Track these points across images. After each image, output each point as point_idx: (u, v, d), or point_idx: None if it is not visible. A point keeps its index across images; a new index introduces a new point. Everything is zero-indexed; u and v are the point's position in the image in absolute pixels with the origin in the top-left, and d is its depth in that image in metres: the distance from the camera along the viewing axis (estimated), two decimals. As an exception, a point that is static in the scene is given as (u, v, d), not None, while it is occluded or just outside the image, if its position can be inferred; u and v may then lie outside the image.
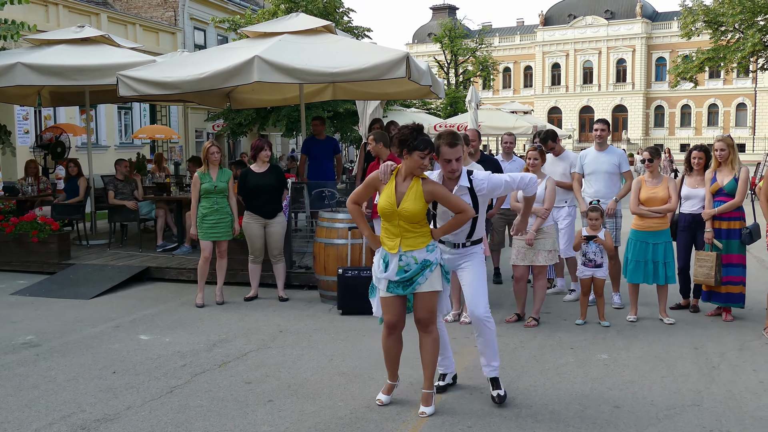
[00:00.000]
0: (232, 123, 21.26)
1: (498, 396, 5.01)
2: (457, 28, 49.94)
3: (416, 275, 4.71)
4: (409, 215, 4.66)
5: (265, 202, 8.26)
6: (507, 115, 24.53)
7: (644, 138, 66.90)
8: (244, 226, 8.33)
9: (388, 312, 4.89)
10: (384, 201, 4.74)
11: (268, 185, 8.24)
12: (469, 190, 4.94)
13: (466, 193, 4.93)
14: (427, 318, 4.82)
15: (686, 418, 4.79)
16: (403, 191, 4.71)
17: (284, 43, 9.14)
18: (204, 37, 31.36)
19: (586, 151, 8.45)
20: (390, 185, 4.76)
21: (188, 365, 5.96)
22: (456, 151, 4.80)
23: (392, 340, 4.99)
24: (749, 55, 22.27)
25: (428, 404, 4.84)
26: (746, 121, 65.69)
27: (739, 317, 7.45)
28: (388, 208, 4.71)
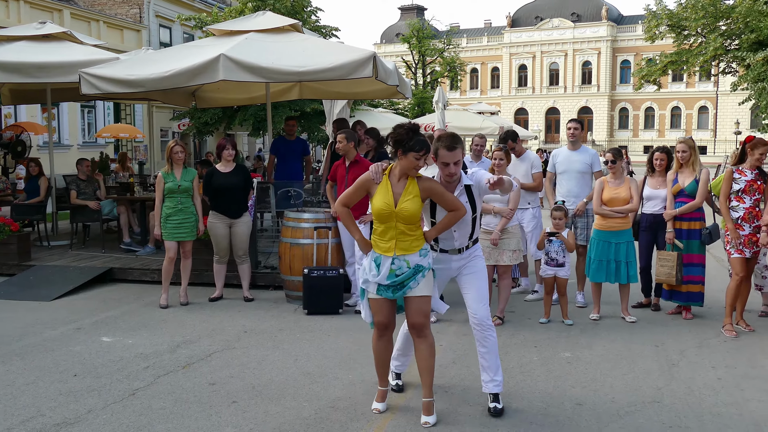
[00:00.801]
0: (197, 122, 21.09)
1: (495, 408, 4.83)
2: (425, 29, 50.15)
3: (408, 279, 4.59)
4: (408, 215, 4.53)
5: (231, 201, 8.21)
6: (474, 115, 24.68)
7: (609, 140, 67.75)
8: (209, 226, 8.27)
9: (378, 313, 4.74)
10: (380, 202, 4.59)
11: (234, 185, 8.19)
12: (467, 189, 4.81)
13: (464, 194, 4.80)
14: (421, 322, 4.65)
15: (646, 414, 4.87)
16: (399, 191, 4.59)
17: (250, 42, 9.09)
18: (169, 35, 31.06)
19: (558, 150, 8.55)
20: (385, 186, 4.63)
21: (151, 367, 5.90)
22: (455, 154, 4.62)
23: (383, 343, 4.86)
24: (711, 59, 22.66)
25: (430, 413, 4.66)
26: (708, 123, 66.93)
27: (699, 315, 7.58)
28: (386, 209, 4.56)
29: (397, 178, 4.64)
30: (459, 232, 4.87)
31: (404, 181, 4.62)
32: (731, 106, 59.04)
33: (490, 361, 4.90)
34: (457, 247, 4.91)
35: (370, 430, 4.60)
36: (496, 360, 4.92)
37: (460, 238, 4.90)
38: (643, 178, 7.83)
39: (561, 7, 72.65)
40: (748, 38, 18.95)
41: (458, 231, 4.86)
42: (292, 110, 19.17)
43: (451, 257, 4.93)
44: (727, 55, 21.46)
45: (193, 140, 29.56)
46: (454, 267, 4.96)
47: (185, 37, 30.63)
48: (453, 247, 4.91)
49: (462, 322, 7.32)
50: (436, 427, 4.62)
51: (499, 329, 7.05)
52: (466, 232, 4.89)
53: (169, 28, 31.05)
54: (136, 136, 24.28)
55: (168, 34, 31.13)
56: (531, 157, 8.60)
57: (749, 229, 6.94)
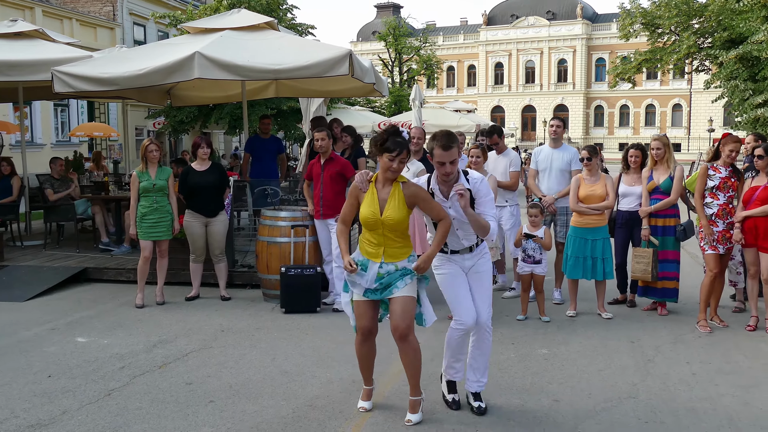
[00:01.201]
0: (173, 120, 20.90)
1: (479, 407, 4.82)
2: (402, 27, 50.12)
3: (395, 280, 4.50)
4: (393, 223, 4.46)
5: (207, 200, 8.16)
6: (451, 113, 24.76)
7: (584, 137, 68.23)
8: (185, 225, 8.21)
9: (362, 318, 4.66)
10: (367, 210, 4.52)
11: (210, 183, 8.14)
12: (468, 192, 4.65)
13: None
14: (404, 326, 4.52)
15: (622, 410, 4.91)
16: (384, 198, 4.50)
17: (226, 40, 9.03)
18: (144, 33, 30.79)
19: (540, 147, 8.63)
20: (371, 193, 4.55)
21: (127, 367, 5.85)
22: (450, 154, 4.52)
23: (367, 347, 4.79)
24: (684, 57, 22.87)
25: (415, 411, 4.66)
26: (682, 121, 67.64)
27: (674, 311, 7.66)
28: (371, 217, 4.48)
29: (382, 184, 4.56)
30: (462, 231, 4.74)
31: (389, 187, 4.53)
32: (704, 103, 59.75)
33: (480, 362, 4.89)
34: (466, 246, 4.80)
35: (348, 427, 4.60)
36: (485, 362, 4.91)
37: (466, 237, 4.77)
38: (618, 175, 7.89)
39: (536, 5, 73.03)
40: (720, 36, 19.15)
41: (461, 230, 4.73)
42: (268, 108, 19.07)
43: (463, 256, 4.81)
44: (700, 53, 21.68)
45: (168, 139, 29.34)
46: (467, 265, 4.83)
47: (160, 35, 30.37)
48: (463, 246, 4.80)
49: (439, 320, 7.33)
50: (415, 425, 4.62)
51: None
52: (470, 230, 4.74)
53: (143, 26, 30.76)
54: (110, 135, 24.03)
55: (142, 32, 30.85)
56: (511, 155, 8.64)
57: (723, 225, 7.03)
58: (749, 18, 17.62)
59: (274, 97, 14.17)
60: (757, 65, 17.24)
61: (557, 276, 8.28)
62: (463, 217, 4.63)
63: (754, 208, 6.84)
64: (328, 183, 7.76)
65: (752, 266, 7.00)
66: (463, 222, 4.68)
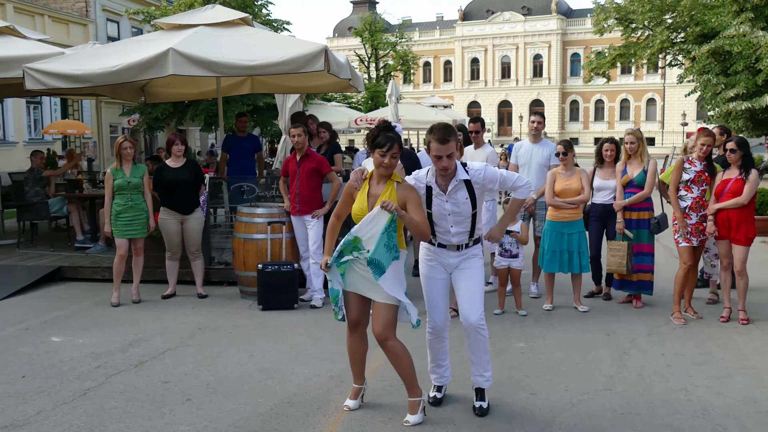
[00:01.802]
0: (148, 117, 20.69)
1: (480, 408, 4.75)
2: (377, 23, 50.06)
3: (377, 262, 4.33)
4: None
5: (182, 197, 8.11)
6: (427, 109, 24.74)
7: (560, 132, 68.64)
8: (160, 222, 8.15)
9: (350, 310, 4.61)
10: (356, 206, 4.50)
11: (185, 180, 8.09)
12: (467, 184, 4.57)
13: (463, 188, 4.56)
14: (381, 332, 4.46)
15: (599, 402, 4.95)
16: (376, 195, 4.45)
17: (200, 36, 8.96)
18: (117, 29, 30.49)
19: (520, 142, 8.66)
20: (363, 191, 4.51)
21: (103, 366, 5.80)
22: (448, 147, 4.40)
23: (356, 339, 4.72)
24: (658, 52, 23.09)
25: (414, 412, 4.57)
26: (656, 115, 68.28)
27: (649, 304, 7.74)
28: (360, 214, 4.44)
29: (376, 181, 4.51)
30: (456, 228, 4.64)
31: (383, 185, 4.47)
32: (678, 98, 60.38)
33: (480, 358, 4.80)
34: (454, 243, 4.69)
35: (326, 424, 4.59)
36: (486, 356, 4.81)
37: (458, 235, 4.67)
38: (592, 169, 7.95)
39: (512, 0, 73.29)
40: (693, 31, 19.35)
41: (456, 226, 4.63)
42: (244, 105, 18.95)
43: (449, 253, 4.72)
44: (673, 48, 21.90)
45: (143, 136, 29.06)
46: (451, 263, 4.75)
47: (134, 32, 30.11)
48: (450, 242, 4.69)
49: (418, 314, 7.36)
50: (393, 421, 4.62)
51: (455, 321, 7.08)
52: (465, 229, 4.66)
53: (116, 23, 30.45)
54: (84, 133, 23.77)
55: (116, 28, 30.54)
56: (488, 149, 8.66)
57: (696, 218, 7.11)
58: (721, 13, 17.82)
59: (250, 94, 14.08)
60: (728, 59, 17.44)
61: (534, 270, 8.33)
62: (461, 212, 4.58)
63: (726, 200, 6.93)
64: (305, 179, 7.74)
65: (725, 258, 7.09)
66: (459, 217, 4.61)
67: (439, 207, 4.61)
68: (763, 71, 15.73)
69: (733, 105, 17.01)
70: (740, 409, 4.81)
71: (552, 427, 4.54)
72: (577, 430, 4.50)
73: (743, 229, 6.91)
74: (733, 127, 18.98)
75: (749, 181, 6.88)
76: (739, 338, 6.48)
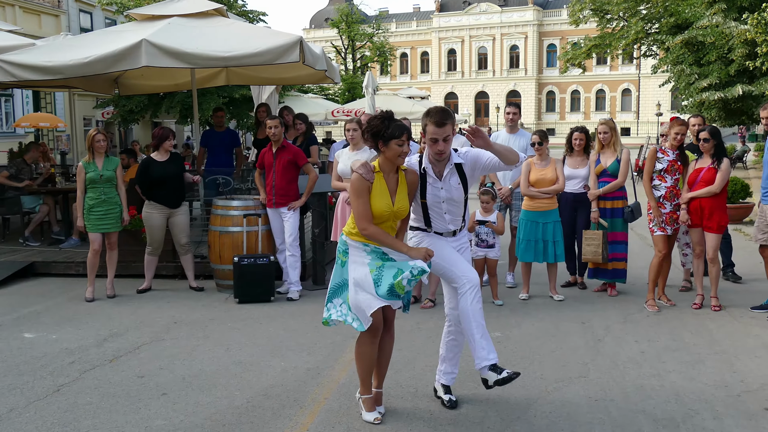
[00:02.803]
0: (122, 110, 20.48)
1: (451, 401, 4.73)
2: (354, 14, 49.89)
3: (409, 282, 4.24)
4: (403, 213, 4.38)
5: (171, 191, 8.04)
6: (404, 100, 24.77)
7: (537, 122, 68.95)
8: (145, 216, 8.06)
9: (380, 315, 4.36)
10: (381, 202, 4.28)
11: (173, 174, 8.03)
12: (458, 168, 4.52)
13: (455, 173, 4.51)
14: (392, 317, 4.50)
15: (574, 389, 4.99)
16: (393, 188, 4.34)
17: (173, 27, 8.88)
18: (90, 20, 30.11)
19: (497, 133, 8.68)
20: (380, 184, 4.30)
21: (77, 362, 5.74)
22: (444, 130, 4.33)
23: (376, 346, 4.48)
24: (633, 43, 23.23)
25: (380, 403, 4.59)
26: (631, 105, 68.81)
27: (623, 292, 7.81)
28: (387, 210, 4.28)
29: (387, 174, 4.36)
30: (450, 215, 4.57)
31: (395, 176, 4.37)
32: (653, 88, 60.78)
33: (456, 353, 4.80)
34: (451, 230, 4.62)
35: (303, 416, 4.59)
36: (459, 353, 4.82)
37: (453, 221, 4.61)
38: (562, 158, 7.99)
39: (488, -9, 73.45)
40: (667, 22, 19.50)
41: (449, 214, 4.56)
42: (220, 97, 18.85)
43: (447, 239, 4.61)
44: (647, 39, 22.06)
45: (118, 129, 28.79)
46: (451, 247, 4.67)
47: (107, 23, 29.76)
48: (447, 230, 4.60)
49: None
50: (356, 411, 4.63)
51: (431, 311, 7.13)
52: (459, 213, 4.62)
53: (89, 13, 30.08)
54: (57, 126, 23.44)
55: (89, 19, 30.16)
56: (461, 139, 8.67)
57: (670, 207, 7.18)
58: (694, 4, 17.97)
59: (226, 85, 13.99)
60: (701, 50, 17.61)
61: (510, 260, 8.37)
62: (454, 199, 4.53)
63: (698, 189, 7.01)
64: (281, 171, 7.72)
65: (698, 246, 7.18)
66: (453, 204, 4.56)
67: (434, 195, 4.52)
68: (736, 61, 15.90)
69: (707, 95, 17.19)
70: (711, 393, 4.88)
71: (528, 415, 4.57)
72: (553, 417, 4.54)
73: (716, 217, 6.99)
74: (707, 117, 19.18)
75: (721, 170, 6.96)
76: (711, 324, 6.56)
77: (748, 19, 12.77)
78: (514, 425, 4.41)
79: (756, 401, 4.74)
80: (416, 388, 5.02)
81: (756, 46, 12.92)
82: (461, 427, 4.40)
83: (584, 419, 4.49)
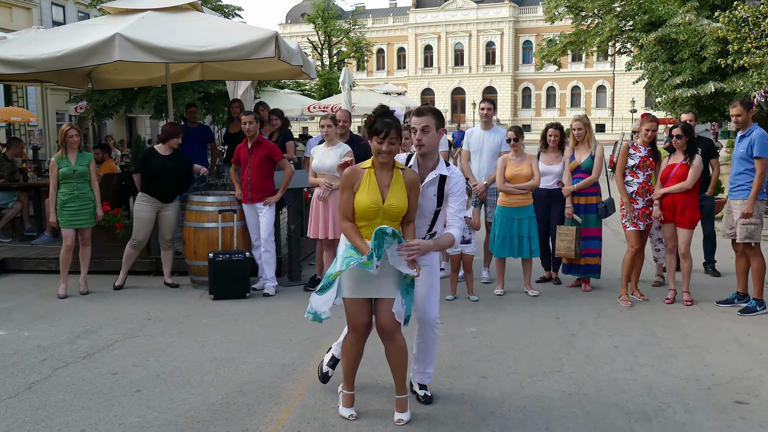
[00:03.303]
0: (96, 105, 20.22)
1: (426, 396, 4.74)
2: (330, 9, 49.79)
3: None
4: (396, 212, 4.20)
5: (168, 186, 8.00)
6: (381, 96, 24.75)
7: (513, 119, 69.26)
8: (136, 208, 8.01)
9: (359, 315, 4.31)
10: (366, 198, 4.18)
11: (175, 169, 8.02)
12: (441, 180, 4.42)
13: (436, 184, 4.42)
14: (390, 325, 4.29)
15: (548, 384, 5.03)
16: (386, 184, 4.22)
17: (147, 21, 8.78)
18: (63, 14, 29.72)
19: (472, 129, 8.72)
20: (369, 180, 4.22)
21: (49, 359, 5.68)
22: (422, 120, 4.34)
23: (361, 347, 4.44)
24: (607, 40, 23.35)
25: (404, 410, 4.44)
26: (606, 102, 69.34)
27: (597, 287, 7.88)
28: (373, 206, 4.17)
29: (380, 170, 4.26)
30: (417, 221, 4.45)
31: (390, 174, 4.26)
32: (627, 85, 61.30)
33: (428, 354, 4.75)
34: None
35: (278, 412, 4.58)
36: (433, 354, 4.77)
37: (417, 229, 4.47)
38: (537, 154, 8.04)
39: (464, -13, 73.60)
40: (641, 19, 19.64)
41: (417, 220, 4.45)
42: (195, 92, 18.67)
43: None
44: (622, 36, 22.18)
45: (92, 124, 28.46)
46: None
47: (80, 16, 29.36)
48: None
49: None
50: (331, 406, 4.63)
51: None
52: (425, 223, 4.51)
53: (62, 7, 29.68)
54: (29, 120, 23.11)
55: (61, 12, 29.77)
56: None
57: (643, 203, 7.26)
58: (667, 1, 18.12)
59: (201, 81, 13.88)
60: (675, 47, 17.75)
61: (486, 255, 8.41)
62: (424, 208, 4.44)
63: (671, 185, 7.09)
64: (256, 167, 7.69)
65: (670, 241, 7.26)
66: (421, 214, 4.47)
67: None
68: (708, 59, 16.06)
69: (680, 92, 17.32)
70: (683, 386, 4.95)
71: (502, 409, 4.60)
72: (527, 411, 4.57)
73: (688, 212, 7.08)
74: (679, 114, 19.36)
75: (693, 166, 7.04)
76: (683, 319, 6.65)
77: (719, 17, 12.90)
78: (489, 420, 4.44)
79: (726, 394, 4.81)
80: (392, 384, 5.01)
81: (727, 44, 13.05)
82: (436, 422, 4.42)
83: (558, 413, 4.53)
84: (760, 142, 6.72)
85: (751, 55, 11.04)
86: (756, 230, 6.83)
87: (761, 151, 6.71)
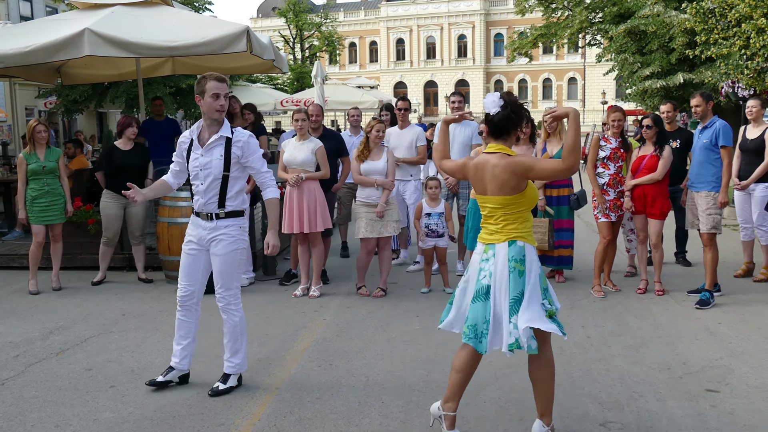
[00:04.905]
0: (66, 100, 19.96)
1: (216, 388, 4.80)
2: (302, 3, 49.52)
3: None
4: None
5: (131, 180, 7.87)
6: (353, 89, 24.67)
7: (485, 111, 69.43)
8: (102, 206, 7.95)
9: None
10: None
11: (136, 164, 7.95)
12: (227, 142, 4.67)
13: (222, 145, 4.70)
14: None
15: (521, 375, 5.05)
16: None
17: (117, 15, 8.69)
18: (31, 8, 29.27)
19: None
20: None
21: (22, 355, 5.63)
22: (226, 86, 4.61)
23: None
24: (577, 32, 23.51)
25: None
26: (577, 94, 69.81)
27: (571, 278, 7.97)
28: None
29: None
30: (204, 185, 4.71)
31: None
32: (597, 77, 61.68)
33: (236, 342, 4.95)
34: (205, 212, 4.78)
35: (254, 406, 4.59)
36: (237, 343, 4.93)
37: (208, 202, 4.76)
38: (510, 147, 8.09)
39: (436, -20, 73.61)
40: (610, 11, 19.80)
41: (204, 184, 4.71)
42: (166, 86, 18.50)
43: (201, 222, 4.83)
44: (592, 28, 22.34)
45: (62, 119, 28.08)
46: (203, 236, 4.85)
47: (48, 11, 28.95)
48: (201, 210, 4.79)
49: (345, 295, 7.40)
50: (321, 400, 4.65)
51: (382, 300, 7.17)
52: (214, 192, 4.73)
53: (29, 1, 29.23)
54: (-3, 116, 22.82)
55: (29, 7, 29.31)
56: (416, 129, 8.72)
57: (614, 194, 7.35)
58: (636, -7, 18.29)
59: (172, 75, 13.76)
60: (644, 39, 17.95)
61: (460, 248, 8.46)
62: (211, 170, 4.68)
63: (642, 176, 7.19)
64: (229, 161, 7.64)
65: (641, 232, 7.36)
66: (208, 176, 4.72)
67: (195, 161, 4.70)
68: (676, 50, 16.27)
69: (649, 83, 17.53)
70: (655, 376, 5.03)
71: (477, 401, 4.64)
72: (502, 402, 4.62)
73: (658, 203, 7.18)
74: (649, 105, 19.59)
75: (663, 157, 7.14)
76: (655, 309, 6.75)
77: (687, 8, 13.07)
78: (464, 411, 4.47)
79: (697, 383, 4.90)
80: (368, 377, 5.06)
81: (695, 35, 13.23)
82: (411, 414, 4.45)
83: (532, 404, 4.55)
84: (725, 131, 6.90)
85: (718, 46, 11.20)
86: (720, 221, 6.98)
87: (727, 140, 6.86)
